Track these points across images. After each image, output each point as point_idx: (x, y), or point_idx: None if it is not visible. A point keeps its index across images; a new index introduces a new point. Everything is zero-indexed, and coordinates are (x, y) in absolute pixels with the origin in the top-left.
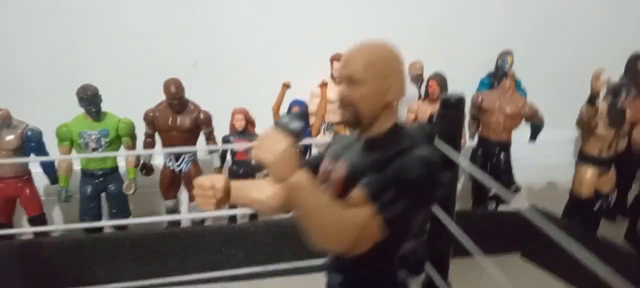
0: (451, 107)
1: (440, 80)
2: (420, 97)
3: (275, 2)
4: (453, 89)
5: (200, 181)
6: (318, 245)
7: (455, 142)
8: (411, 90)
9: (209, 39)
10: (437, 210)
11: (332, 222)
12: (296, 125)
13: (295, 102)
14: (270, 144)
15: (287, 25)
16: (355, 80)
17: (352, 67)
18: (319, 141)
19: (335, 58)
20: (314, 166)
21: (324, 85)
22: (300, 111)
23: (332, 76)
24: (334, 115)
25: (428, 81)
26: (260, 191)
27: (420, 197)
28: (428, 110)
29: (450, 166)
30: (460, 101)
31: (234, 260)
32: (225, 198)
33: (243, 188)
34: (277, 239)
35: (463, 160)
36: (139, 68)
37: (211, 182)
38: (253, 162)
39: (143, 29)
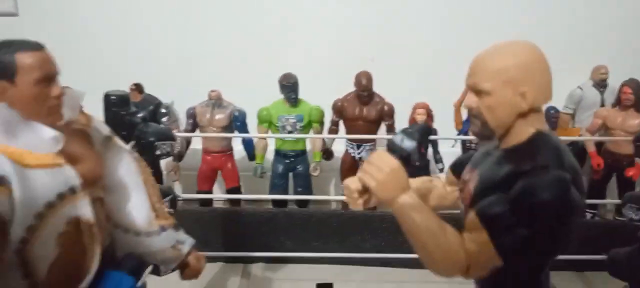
0: None
1: (636, 87)
2: (602, 102)
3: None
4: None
5: (347, 182)
6: (429, 269)
7: None
8: (592, 93)
9: (388, 33)
10: None
11: (440, 248)
12: (408, 144)
13: None
14: (376, 167)
15: (468, 20)
16: (480, 90)
17: (478, 76)
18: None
19: None
20: (460, 169)
21: None
22: (420, 126)
23: None
24: None
25: (621, 87)
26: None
27: (546, 225)
28: (618, 117)
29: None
30: None
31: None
32: (369, 198)
33: None
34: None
35: None
36: (319, 60)
37: (356, 185)
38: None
39: (324, 24)
